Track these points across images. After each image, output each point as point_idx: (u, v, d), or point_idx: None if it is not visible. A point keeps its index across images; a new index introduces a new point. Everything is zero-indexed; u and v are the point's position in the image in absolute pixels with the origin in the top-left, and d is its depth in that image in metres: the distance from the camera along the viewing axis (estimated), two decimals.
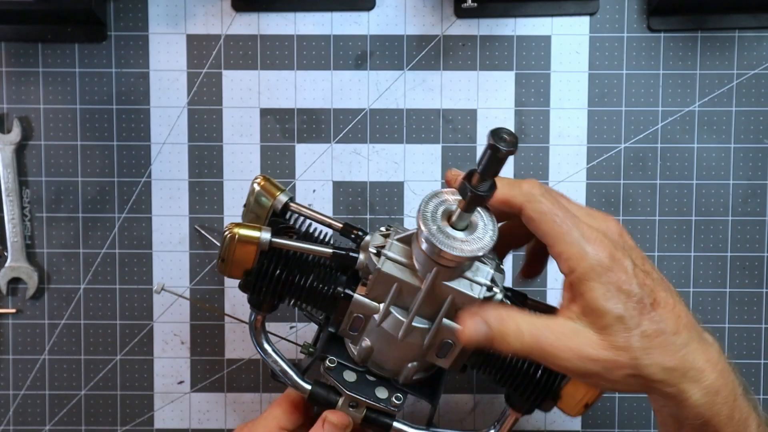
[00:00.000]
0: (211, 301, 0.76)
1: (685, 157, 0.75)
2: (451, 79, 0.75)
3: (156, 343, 0.76)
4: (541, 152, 0.75)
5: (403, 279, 0.55)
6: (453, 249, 0.51)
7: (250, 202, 0.60)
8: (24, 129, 0.75)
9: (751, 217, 0.75)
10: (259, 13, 0.75)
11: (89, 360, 0.76)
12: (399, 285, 0.56)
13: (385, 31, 0.75)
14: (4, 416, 0.76)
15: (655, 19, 0.74)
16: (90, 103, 0.75)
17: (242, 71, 0.75)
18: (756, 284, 0.75)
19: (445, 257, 0.52)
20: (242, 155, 0.76)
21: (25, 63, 0.75)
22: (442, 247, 0.51)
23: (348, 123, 0.75)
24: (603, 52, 0.75)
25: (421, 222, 0.52)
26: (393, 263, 0.56)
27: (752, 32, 0.74)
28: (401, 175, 0.76)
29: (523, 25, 0.75)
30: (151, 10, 0.75)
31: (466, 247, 0.52)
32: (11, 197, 0.75)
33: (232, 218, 0.75)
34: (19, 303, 0.76)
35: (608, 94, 0.75)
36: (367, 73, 0.75)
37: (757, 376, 0.75)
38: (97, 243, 0.76)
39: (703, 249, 0.75)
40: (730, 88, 0.74)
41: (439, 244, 0.51)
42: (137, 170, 0.76)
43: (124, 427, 0.76)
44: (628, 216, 0.75)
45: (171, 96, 0.75)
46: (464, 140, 0.75)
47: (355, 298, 0.57)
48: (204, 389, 0.77)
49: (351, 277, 0.59)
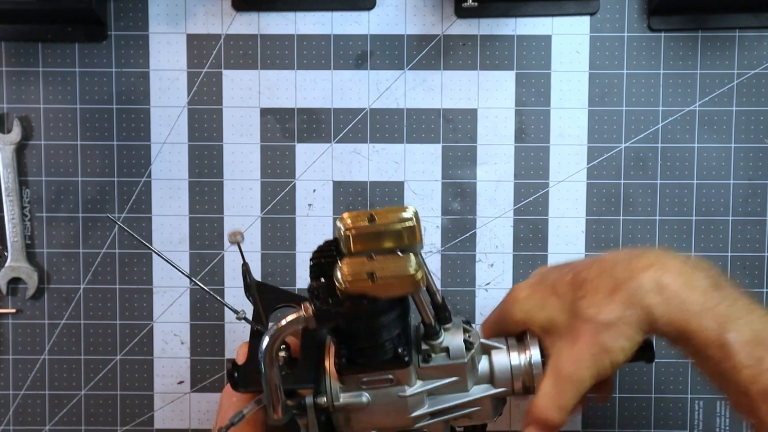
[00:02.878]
0: (211, 301, 0.76)
1: (685, 157, 0.75)
2: (451, 78, 0.75)
3: (156, 343, 0.76)
4: (542, 152, 0.75)
5: (467, 379, 0.57)
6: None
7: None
8: (24, 129, 0.75)
9: (752, 217, 0.75)
10: (260, 12, 0.75)
11: (89, 360, 0.76)
12: (457, 380, 0.57)
13: (386, 30, 0.75)
14: (4, 416, 0.76)
15: (655, 18, 0.74)
16: (90, 102, 0.75)
17: (242, 71, 0.75)
18: (756, 284, 0.75)
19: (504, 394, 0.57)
20: (242, 155, 0.75)
21: (25, 63, 0.75)
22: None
23: (348, 123, 0.75)
24: (603, 51, 0.75)
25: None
26: (471, 361, 0.57)
27: (753, 32, 0.74)
28: (401, 175, 0.76)
29: (523, 25, 0.75)
30: (151, 10, 0.75)
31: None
32: (11, 197, 0.75)
33: (232, 218, 0.75)
34: (19, 303, 0.76)
35: (609, 94, 0.75)
36: (368, 73, 0.75)
37: None
38: (97, 243, 0.76)
39: (703, 249, 0.75)
40: (731, 88, 0.74)
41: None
42: (137, 170, 0.76)
43: (124, 427, 0.76)
44: (628, 216, 0.75)
45: (171, 96, 0.75)
46: (464, 140, 0.75)
47: (410, 368, 0.56)
48: (204, 389, 0.77)
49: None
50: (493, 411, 0.58)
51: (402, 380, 0.56)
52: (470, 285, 0.76)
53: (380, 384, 0.56)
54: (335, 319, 0.52)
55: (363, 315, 0.52)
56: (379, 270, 0.50)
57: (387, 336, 0.54)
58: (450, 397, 0.57)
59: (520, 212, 0.75)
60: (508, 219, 0.75)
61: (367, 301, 0.51)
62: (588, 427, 0.76)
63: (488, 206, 0.75)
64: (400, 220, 0.52)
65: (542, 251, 0.75)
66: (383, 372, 0.55)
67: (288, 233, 0.76)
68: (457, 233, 0.75)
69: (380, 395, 0.56)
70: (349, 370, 0.55)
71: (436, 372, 0.57)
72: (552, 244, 0.75)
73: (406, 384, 0.56)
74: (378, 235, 0.51)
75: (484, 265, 0.76)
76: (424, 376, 0.57)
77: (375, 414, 0.57)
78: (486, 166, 0.75)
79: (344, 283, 0.50)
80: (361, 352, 0.55)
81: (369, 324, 0.53)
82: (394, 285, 0.51)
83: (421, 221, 0.75)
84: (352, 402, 0.56)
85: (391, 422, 0.57)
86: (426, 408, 0.57)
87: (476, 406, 0.58)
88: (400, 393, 0.56)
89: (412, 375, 0.56)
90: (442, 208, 0.75)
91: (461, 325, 0.58)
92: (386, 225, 0.52)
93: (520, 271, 0.75)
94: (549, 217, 0.75)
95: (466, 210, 0.75)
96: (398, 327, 0.55)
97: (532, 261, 0.75)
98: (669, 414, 0.75)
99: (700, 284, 0.52)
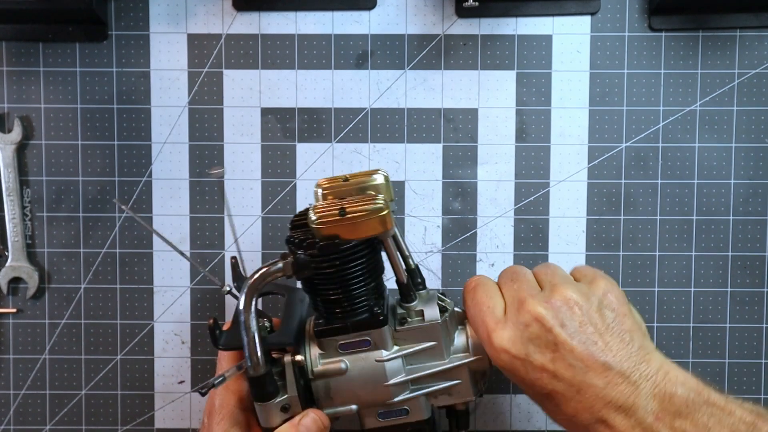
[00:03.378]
0: (212, 300, 0.76)
1: (686, 157, 0.75)
2: (452, 78, 0.75)
3: (156, 342, 0.76)
4: (542, 152, 0.75)
5: (441, 345, 0.58)
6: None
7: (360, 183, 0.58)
8: (25, 128, 0.75)
9: (752, 216, 0.75)
10: (260, 12, 0.75)
11: (90, 360, 0.76)
12: (433, 346, 0.58)
13: (386, 30, 0.75)
14: (5, 416, 0.76)
15: (656, 18, 0.74)
16: (91, 102, 0.75)
17: (243, 70, 0.75)
18: (757, 284, 0.75)
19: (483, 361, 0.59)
20: (243, 155, 0.75)
21: (26, 62, 0.75)
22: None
23: (349, 122, 0.75)
24: (604, 51, 0.75)
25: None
26: (445, 326, 0.58)
27: (753, 31, 0.74)
28: (402, 175, 0.76)
29: (524, 25, 0.75)
30: (152, 10, 0.75)
31: None
32: (12, 197, 0.75)
33: (233, 218, 0.75)
34: (20, 303, 0.76)
35: (609, 94, 0.75)
36: (368, 73, 0.75)
37: (757, 375, 0.75)
38: (97, 243, 0.76)
39: (704, 249, 0.75)
40: (732, 88, 0.74)
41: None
42: (138, 170, 0.76)
43: (125, 426, 0.76)
44: (629, 216, 0.75)
45: (172, 95, 0.75)
46: (465, 140, 0.75)
47: (385, 328, 0.58)
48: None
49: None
50: (473, 387, 0.59)
51: (379, 343, 0.57)
52: None
53: (358, 348, 0.58)
54: (310, 266, 0.55)
55: (336, 259, 0.55)
56: (348, 206, 0.54)
57: (361, 289, 0.57)
58: (427, 366, 0.58)
59: (521, 212, 0.75)
60: (509, 219, 0.75)
61: (339, 240, 0.54)
62: None
63: (489, 206, 0.75)
64: (371, 179, 0.57)
65: (543, 251, 0.75)
66: (360, 334, 0.57)
67: (288, 233, 0.76)
68: (457, 233, 0.75)
69: (358, 360, 0.58)
70: (327, 332, 0.58)
71: (411, 336, 0.58)
72: (552, 243, 0.75)
73: (383, 348, 0.58)
74: (349, 192, 0.57)
75: (484, 264, 0.76)
76: (400, 340, 0.58)
77: (354, 382, 0.58)
78: (487, 166, 0.75)
79: (316, 221, 0.54)
80: (337, 312, 0.57)
81: (342, 272, 0.56)
82: (362, 221, 0.54)
83: (422, 221, 0.75)
84: (330, 368, 0.58)
85: (371, 393, 0.58)
86: (403, 375, 0.58)
87: (455, 378, 0.59)
88: (377, 358, 0.57)
89: (388, 339, 0.58)
90: (443, 207, 0.75)
91: (436, 294, 0.60)
92: (358, 183, 0.57)
93: None
94: (550, 216, 0.75)
95: (467, 210, 0.75)
96: (371, 280, 0.57)
97: (532, 261, 0.75)
98: None
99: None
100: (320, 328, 0.58)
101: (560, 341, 0.52)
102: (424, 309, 0.59)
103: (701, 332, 0.75)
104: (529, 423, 0.76)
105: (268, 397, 0.57)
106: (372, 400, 0.58)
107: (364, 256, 0.56)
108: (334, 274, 0.56)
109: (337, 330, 0.58)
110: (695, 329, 0.75)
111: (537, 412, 0.75)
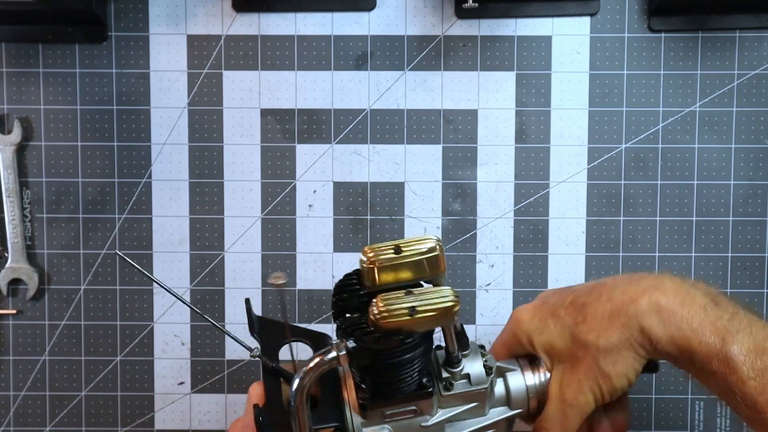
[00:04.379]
0: (212, 302, 0.76)
1: (685, 158, 0.75)
2: (451, 79, 0.75)
3: (156, 344, 0.76)
4: (542, 153, 0.75)
5: (483, 404, 0.57)
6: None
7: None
8: (24, 130, 0.75)
9: (752, 217, 0.75)
10: (260, 13, 0.75)
11: (90, 361, 0.76)
12: (476, 406, 0.56)
13: (386, 31, 0.75)
14: (5, 417, 0.76)
15: (655, 19, 0.74)
16: (90, 103, 0.75)
17: (243, 72, 0.75)
18: (756, 285, 0.75)
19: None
20: (243, 156, 0.75)
21: (25, 63, 0.75)
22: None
23: (349, 123, 0.75)
24: (604, 52, 0.75)
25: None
26: (489, 386, 0.56)
27: (753, 32, 0.74)
28: (402, 176, 0.76)
29: (523, 26, 0.75)
30: (152, 11, 0.75)
31: None
32: (12, 198, 0.75)
33: (233, 219, 0.75)
34: (20, 304, 0.76)
35: (609, 95, 0.75)
36: (368, 74, 0.75)
37: None
38: (97, 244, 0.76)
39: (703, 249, 0.75)
40: (731, 89, 0.74)
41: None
42: (138, 171, 0.76)
43: (125, 428, 0.76)
44: (628, 216, 0.75)
45: (171, 96, 0.75)
46: (465, 141, 0.75)
47: (434, 398, 0.55)
48: (204, 390, 0.76)
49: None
50: (506, 430, 0.59)
51: (425, 410, 0.56)
52: (471, 286, 0.76)
53: (403, 416, 0.55)
54: (369, 356, 0.51)
55: (398, 350, 0.52)
56: (419, 304, 0.49)
57: (413, 369, 0.54)
58: (468, 423, 0.57)
59: (521, 213, 0.75)
60: (509, 220, 0.75)
61: (403, 335, 0.51)
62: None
63: (489, 207, 0.75)
64: (425, 250, 0.51)
65: (543, 252, 0.75)
66: (407, 404, 0.55)
67: (288, 234, 0.76)
68: (457, 234, 0.75)
69: (402, 426, 0.56)
70: (373, 405, 0.55)
71: (457, 399, 0.56)
72: (552, 244, 0.75)
73: (428, 414, 0.56)
74: (402, 267, 0.51)
75: (484, 265, 0.76)
76: (445, 404, 0.56)
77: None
78: (486, 167, 0.75)
79: (381, 318, 0.49)
80: (385, 386, 0.54)
81: (401, 358, 0.52)
82: (433, 318, 0.50)
83: (422, 221, 0.75)
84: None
85: None
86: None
87: (492, 428, 0.58)
88: (422, 423, 0.56)
89: (434, 404, 0.56)
90: (443, 208, 0.75)
91: (478, 351, 0.57)
92: (410, 256, 0.51)
93: (520, 271, 0.75)
94: (549, 217, 0.75)
95: (467, 211, 0.75)
96: (425, 358, 0.54)
97: (532, 262, 0.75)
98: (669, 414, 0.75)
99: (697, 301, 0.52)
100: (365, 400, 0.55)
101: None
102: (470, 373, 0.56)
103: None
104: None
105: None
106: None
107: (421, 344, 0.53)
108: (392, 362, 0.53)
109: (385, 403, 0.55)
110: None
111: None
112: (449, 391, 0.56)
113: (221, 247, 0.76)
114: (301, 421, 0.52)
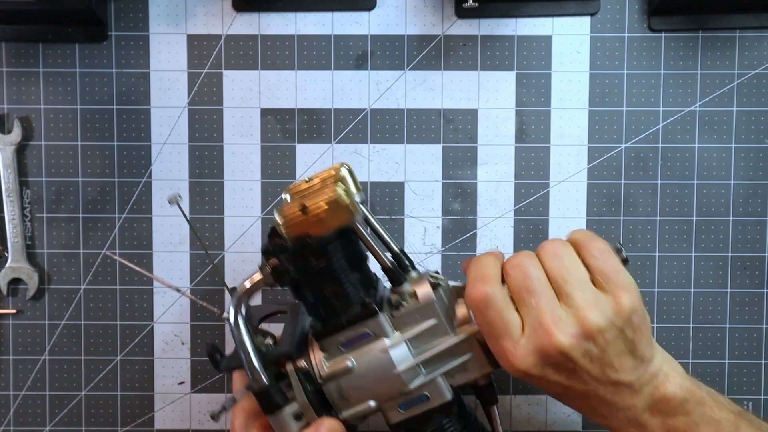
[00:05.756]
0: (211, 303, 0.76)
1: (686, 157, 0.75)
2: (451, 79, 0.75)
3: (156, 343, 0.76)
4: (542, 152, 0.75)
5: (443, 322, 0.56)
6: None
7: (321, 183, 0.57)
8: (24, 129, 0.75)
9: (752, 217, 0.75)
10: (260, 13, 0.75)
11: (89, 360, 0.76)
12: (434, 324, 0.56)
13: (386, 31, 0.75)
14: (5, 417, 0.76)
15: (655, 18, 0.74)
16: (90, 103, 0.75)
17: (243, 71, 0.75)
18: (757, 284, 0.75)
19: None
20: (243, 155, 0.75)
21: (25, 63, 0.75)
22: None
23: (349, 123, 0.75)
24: (604, 52, 0.75)
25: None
26: (442, 302, 0.57)
27: (753, 32, 0.74)
28: (402, 175, 0.76)
29: (524, 25, 0.75)
30: (152, 10, 0.75)
31: None
32: (12, 197, 0.75)
33: (233, 219, 0.75)
34: (20, 303, 0.76)
35: (609, 94, 0.75)
36: (368, 73, 0.75)
37: (757, 376, 0.75)
38: (97, 243, 0.76)
39: (704, 249, 0.75)
40: (731, 88, 0.74)
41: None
42: (138, 170, 0.76)
43: (125, 427, 0.76)
44: (628, 216, 0.75)
45: (171, 96, 0.75)
46: (465, 140, 0.75)
47: (380, 316, 0.57)
48: (204, 390, 0.76)
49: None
50: (487, 358, 0.57)
51: (378, 333, 0.57)
52: None
53: (359, 342, 0.57)
54: (288, 271, 0.55)
55: (310, 258, 0.54)
56: (309, 202, 0.54)
57: (345, 283, 0.56)
58: (435, 343, 0.57)
59: (521, 212, 0.75)
60: (509, 219, 0.75)
61: (310, 238, 0.54)
62: (589, 427, 0.76)
63: (489, 207, 0.75)
64: (333, 174, 0.56)
65: None
66: (358, 327, 0.57)
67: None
68: (457, 234, 0.75)
69: (363, 355, 0.57)
70: (324, 333, 0.57)
71: (410, 319, 0.57)
72: None
73: (384, 337, 0.57)
74: (313, 191, 0.56)
75: None
76: (400, 326, 0.57)
77: (364, 378, 0.57)
78: (486, 167, 0.75)
79: (282, 225, 0.54)
80: (330, 311, 0.57)
81: (321, 269, 0.55)
82: (326, 213, 0.54)
83: (422, 222, 0.75)
84: (337, 368, 0.57)
85: (384, 385, 0.57)
86: (411, 360, 0.57)
87: (466, 352, 0.57)
88: (380, 348, 0.57)
89: (387, 327, 0.57)
90: (443, 208, 0.75)
91: (427, 273, 0.59)
92: (321, 180, 0.56)
93: None
94: (549, 217, 0.75)
95: (467, 210, 0.75)
96: (354, 271, 0.56)
97: None
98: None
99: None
100: (317, 330, 0.58)
101: (580, 367, 0.53)
102: (416, 289, 0.57)
103: (701, 333, 0.75)
104: (529, 424, 0.76)
105: (275, 408, 0.56)
106: (387, 392, 0.57)
107: (336, 249, 0.55)
108: (314, 273, 0.55)
109: (334, 328, 0.57)
110: (695, 330, 0.75)
111: (537, 413, 0.76)
112: (398, 310, 0.57)
113: (221, 246, 0.76)
114: (241, 340, 0.55)
